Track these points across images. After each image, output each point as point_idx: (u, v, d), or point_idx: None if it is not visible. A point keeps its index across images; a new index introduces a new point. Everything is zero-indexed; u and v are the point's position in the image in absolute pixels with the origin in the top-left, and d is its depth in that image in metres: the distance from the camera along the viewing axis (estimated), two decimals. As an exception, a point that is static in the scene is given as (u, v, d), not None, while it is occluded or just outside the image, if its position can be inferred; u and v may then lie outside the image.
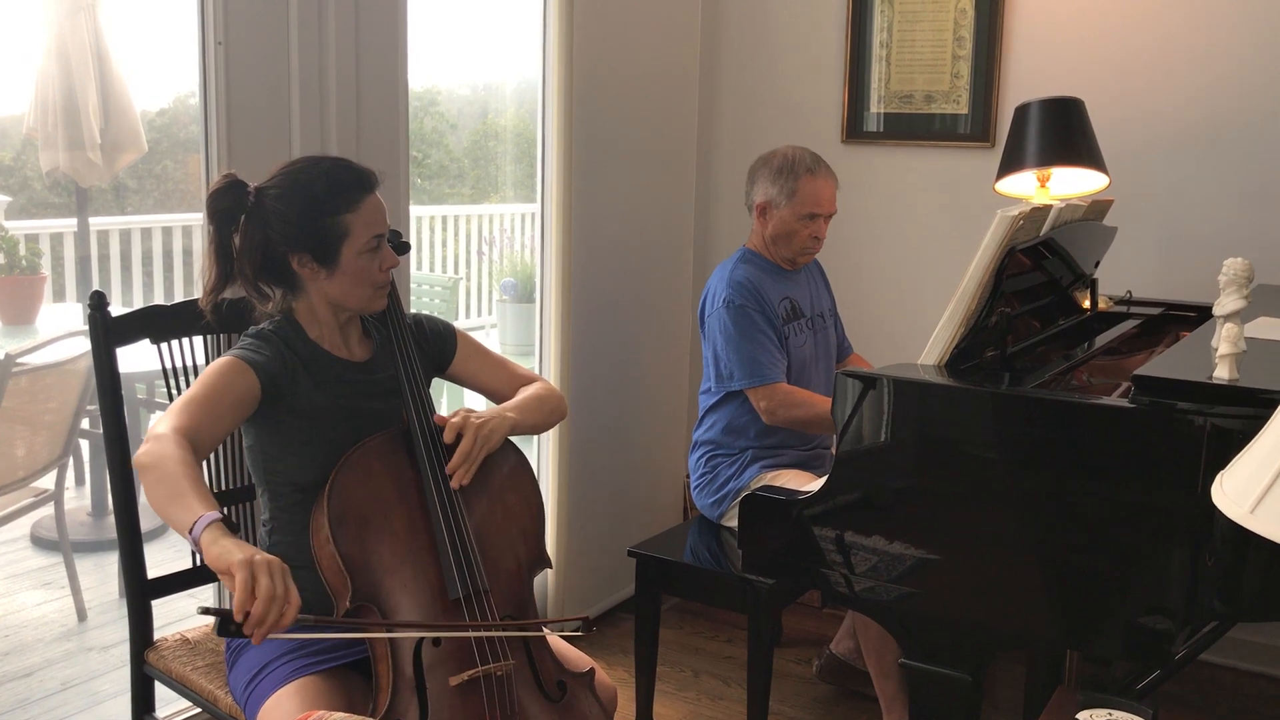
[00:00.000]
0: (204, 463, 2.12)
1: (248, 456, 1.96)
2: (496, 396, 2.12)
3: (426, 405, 1.91)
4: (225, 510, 2.16)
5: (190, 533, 1.56)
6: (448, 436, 1.87)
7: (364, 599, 1.75)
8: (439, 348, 2.09)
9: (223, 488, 2.17)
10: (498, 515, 1.91)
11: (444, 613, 1.77)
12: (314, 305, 1.92)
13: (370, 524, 1.78)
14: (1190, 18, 3.09)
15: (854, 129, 3.56)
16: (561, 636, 2.01)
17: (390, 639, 1.74)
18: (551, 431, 3.11)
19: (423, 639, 1.74)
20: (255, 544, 2.03)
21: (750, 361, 2.72)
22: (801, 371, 2.82)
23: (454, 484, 1.85)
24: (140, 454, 1.67)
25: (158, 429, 1.69)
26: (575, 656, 1.98)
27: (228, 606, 1.53)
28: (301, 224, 1.84)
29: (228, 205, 1.87)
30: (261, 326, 1.91)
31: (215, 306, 1.94)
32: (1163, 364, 1.97)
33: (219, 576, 1.54)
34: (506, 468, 1.96)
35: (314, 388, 1.88)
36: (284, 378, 1.85)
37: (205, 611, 1.53)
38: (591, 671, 1.94)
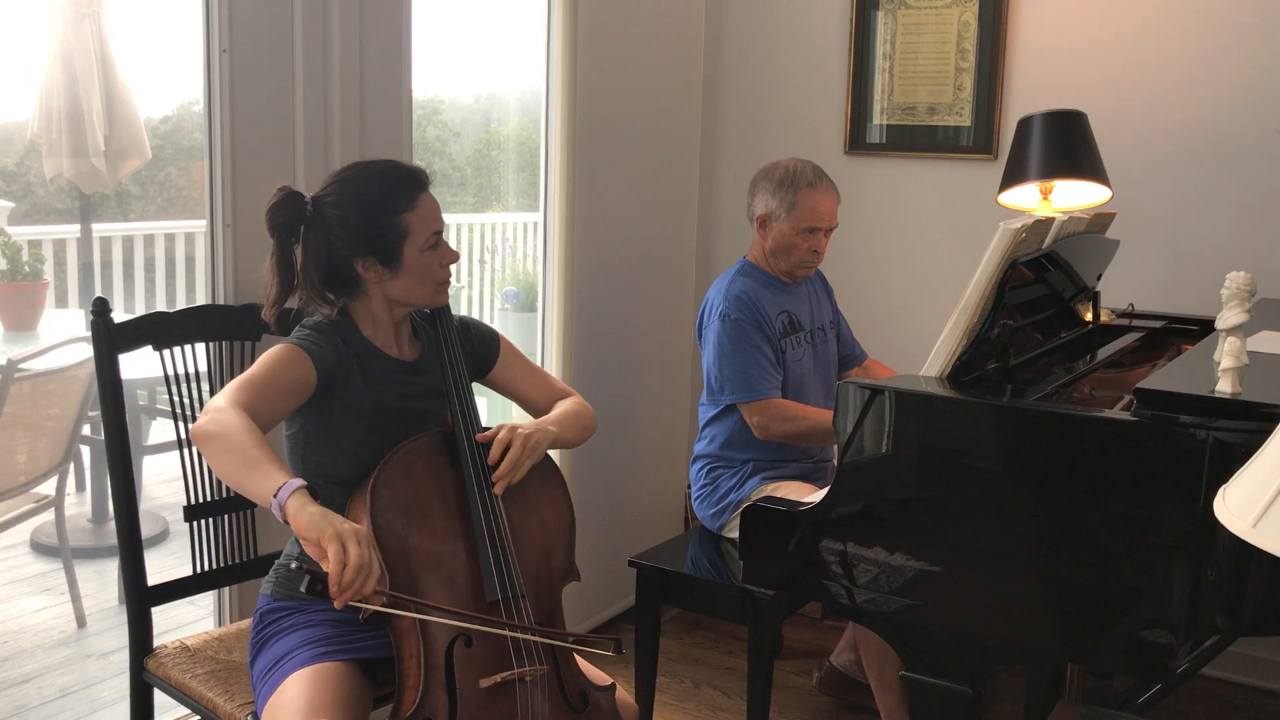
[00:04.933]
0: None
1: (285, 445, 1.96)
2: (532, 407, 2.14)
3: (471, 408, 1.93)
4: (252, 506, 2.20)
5: (275, 498, 1.60)
6: (494, 454, 1.88)
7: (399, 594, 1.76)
8: (483, 352, 2.11)
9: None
10: (533, 525, 1.94)
11: (480, 614, 1.78)
12: (374, 307, 1.94)
13: (410, 521, 1.80)
14: (1193, 31, 3.10)
15: (857, 140, 3.56)
16: (592, 654, 1.97)
17: (423, 638, 1.75)
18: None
19: (456, 638, 1.75)
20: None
21: (743, 376, 2.71)
22: (800, 386, 2.82)
23: (497, 490, 1.87)
24: (202, 424, 1.69)
25: (217, 402, 1.72)
26: (594, 671, 1.99)
27: (316, 568, 1.59)
28: (364, 228, 1.86)
29: (288, 217, 1.88)
30: (318, 319, 1.93)
31: (280, 316, 1.95)
32: (1165, 377, 1.97)
33: (302, 543, 1.60)
34: (544, 479, 1.98)
35: (365, 385, 1.90)
36: (339, 372, 1.88)
37: (299, 568, 1.58)
38: (613, 686, 1.95)
